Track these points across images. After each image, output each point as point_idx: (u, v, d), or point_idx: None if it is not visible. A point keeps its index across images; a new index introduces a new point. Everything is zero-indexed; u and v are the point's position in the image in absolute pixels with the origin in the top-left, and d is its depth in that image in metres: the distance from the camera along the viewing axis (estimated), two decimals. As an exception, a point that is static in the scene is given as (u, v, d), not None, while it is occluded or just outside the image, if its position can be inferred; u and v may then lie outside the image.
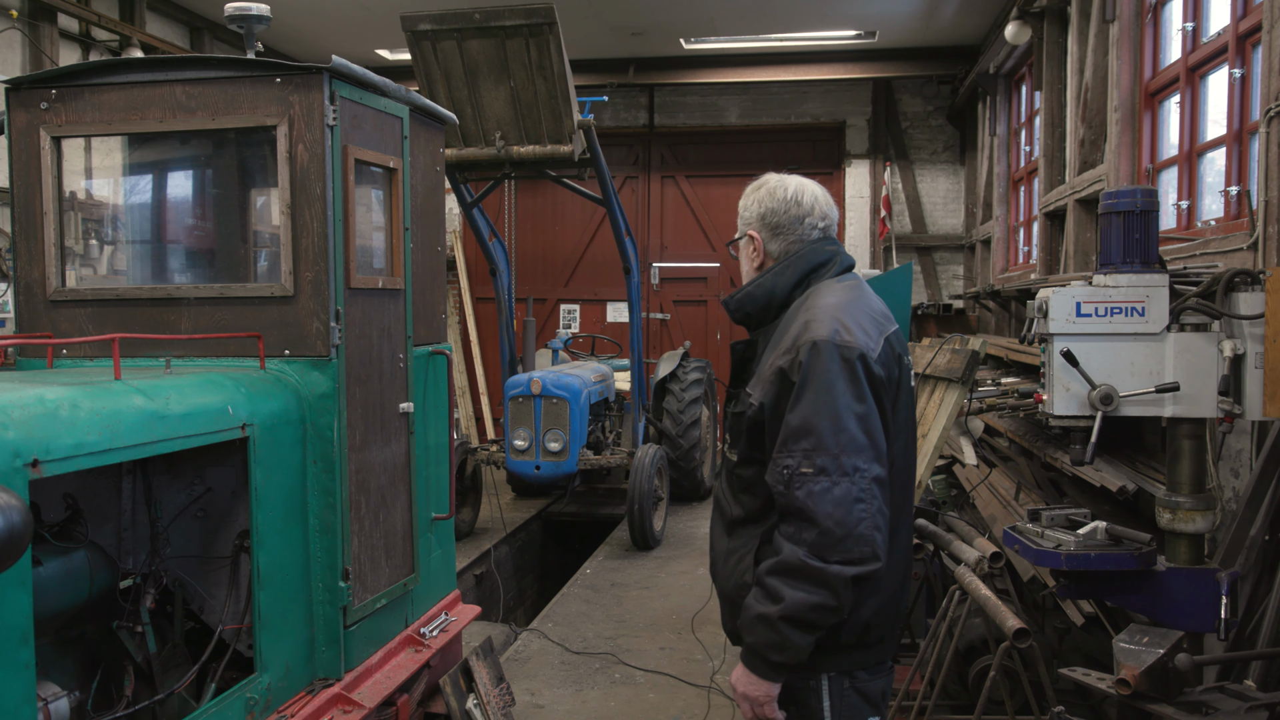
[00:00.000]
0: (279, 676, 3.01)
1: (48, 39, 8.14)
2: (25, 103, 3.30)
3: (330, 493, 3.16)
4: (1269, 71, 4.20)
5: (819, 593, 2.10)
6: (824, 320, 2.22)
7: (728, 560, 2.38)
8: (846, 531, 2.08)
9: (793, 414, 2.16)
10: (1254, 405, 3.23)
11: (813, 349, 2.17)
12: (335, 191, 3.15)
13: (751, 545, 2.33)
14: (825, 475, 2.10)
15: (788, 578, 2.12)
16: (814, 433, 2.12)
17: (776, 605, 2.13)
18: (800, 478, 2.11)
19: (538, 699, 5.11)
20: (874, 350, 2.21)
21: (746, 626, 2.20)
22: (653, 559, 7.77)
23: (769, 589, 2.15)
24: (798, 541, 2.12)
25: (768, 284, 2.40)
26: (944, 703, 4.25)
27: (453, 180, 7.74)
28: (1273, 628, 3.43)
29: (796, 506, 2.12)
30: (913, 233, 12.24)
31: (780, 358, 2.23)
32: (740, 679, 2.25)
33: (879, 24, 10.50)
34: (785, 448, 2.16)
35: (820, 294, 2.34)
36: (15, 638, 2.12)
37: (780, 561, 2.14)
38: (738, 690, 2.27)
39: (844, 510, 2.09)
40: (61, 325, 3.33)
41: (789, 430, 2.16)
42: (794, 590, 2.11)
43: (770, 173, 2.54)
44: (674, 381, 9.33)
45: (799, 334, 2.23)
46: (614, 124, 12.64)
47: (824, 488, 2.09)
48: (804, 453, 2.12)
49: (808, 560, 2.09)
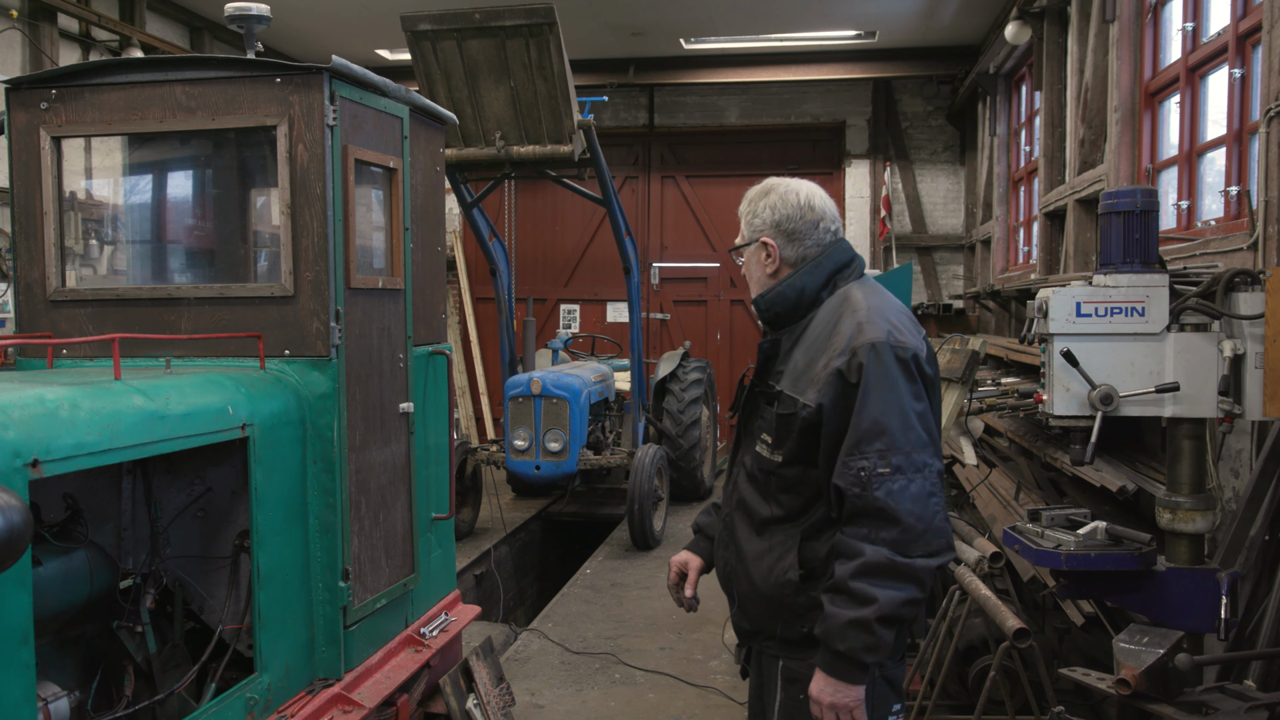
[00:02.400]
0: (279, 676, 3.01)
1: (48, 39, 8.14)
2: (25, 103, 3.30)
3: (330, 493, 3.16)
4: (1269, 71, 4.20)
5: (908, 588, 2.16)
6: (876, 322, 2.27)
7: (762, 560, 2.39)
8: (926, 526, 2.16)
9: (861, 416, 2.20)
10: (1254, 405, 3.23)
11: (873, 350, 2.22)
12: (335, 191, 3.15)
13: (792, 544, 2.34)
14: (901, 474, 2.17)
15: (877, 578, 2.15)
16: (887, 433, 2.18)
17: (870, 607, 2.15)
18: (879, 478, 2.16)
19: (538, 699, 5.11)
20: (923, 350, 2.30)
21: (836, 634, 2.18)
22: (653, 559, 7.77)
23: (857, 593, 2.16)
24: (877, 541, 2.16)
25: (798, 284, 2.43)
26: (944, 703, 4.25)
27: (453, 180, 7.74)
28: (1273, 628, 3.43)
29: (877, 506, 2.16)
30: (913, 233, 12.24)
31: (836, 359, 2.26)
32: (826, 689, 2.22)
33: (879, 24, 10.50)
34: (859, 449, 2.19)
35: (857, 296, 2.38)
36: (15, 638, 2.12)
37: (865, 563, 2.16)
38: (824, 701, 2.22)
39: (922, 506, 2.16)
40: (61, 325, 3.33)
41: (860, 432, 2.20)
42: (885, 590, 2.14)
43: (772, 177, 2.55)
44: (674, 381, 9.33)
45: (853, 335, 2.26)
46: (614, 124, 12.63)
47: (902, 486, 2.16)
48: (879, 453, 2.17)
49: (895, 558, 2.14)
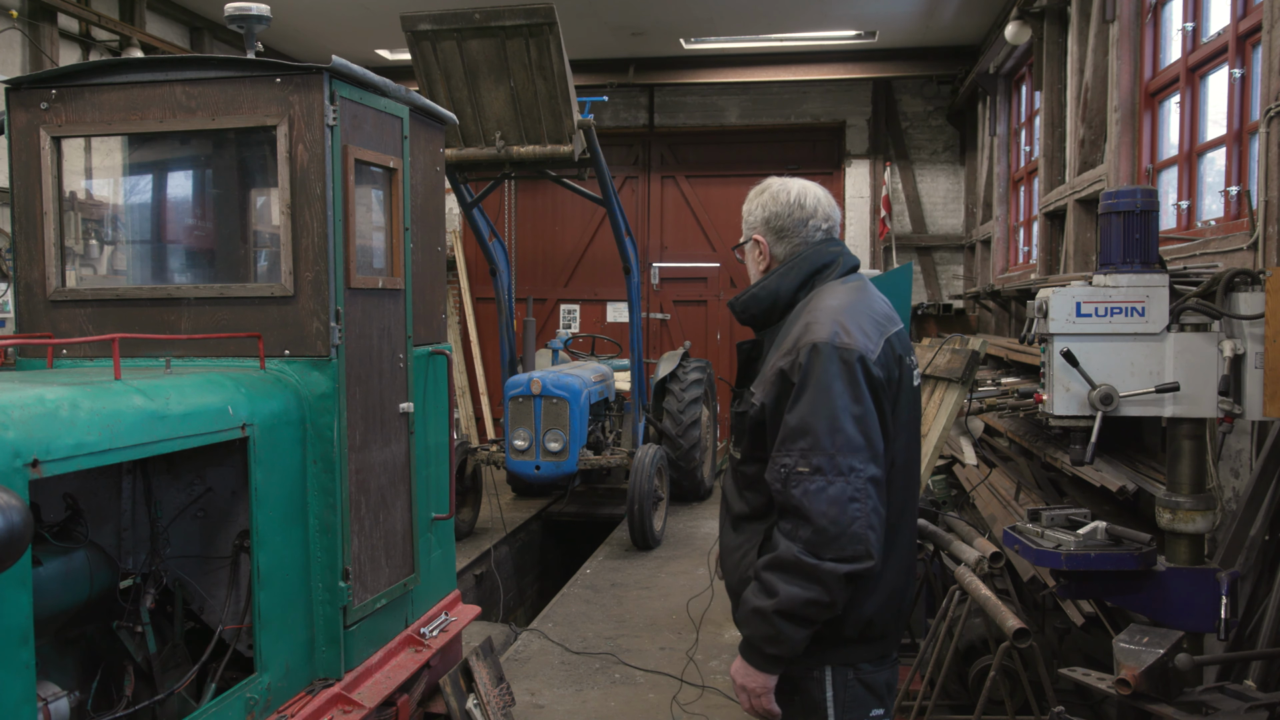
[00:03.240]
0: (279, 676, 3.01)
1: (48, 39, 8.14)
2: (25, 103, 3.29)
3: (330, 493, 3.16)
4: (1269, 71, 4.20)
5: (812, 589, 2.14)
6: (824, 322, 2.25)
7: (732, 555, 2.43)
8: (840, 530, 2.13)
9: (791, 414, 2.20)
10: (1254, 405, 3.23)
11: (812, 350, 2.20)
12: (335, 191, 3.15)
13: (755, 541, 2.36)
14: (821, 474, 2.14)
15: (782, 573, 2.17)
16: (811, 433, 2.16)
17: (771, 600, 2.18)
18: (796, 476, 2.16)
19: (538, 699, 5.11)
20: (873, 352, 2.24)
21: (744, 619, 2.26)
22: (653, 559, 7.77)
23: (765, 583, 2.20)
24: (793, 538, 2.17)
25: (772, 286, 2.43)
26: (944, 703, 4.25)
27: (453, 180, 7.74)
28: (1273, 628, 3.43)
29: (793, 504, 2.16)
30: (913, 233, 12.24)
31: (781, 359, 2.27)
32: (738, 670, 2.30)
33: (879, 24, 10.50)
34: (783, 447, 2.20)
35: (823, 296, 2.37)
36: (15, 638, 2.12)
37: (776, 557, 2.19)
38: (736, 681, 2.31)
39: (838, 509, 2.13)
40: (61, 325, 3.33)
41: (787, 430, 2.20)
42: (788, 586, 2.16)
43: (773, 177, 2.56)
44: (674, 381, 9.33)
45: (800, 335, 2.26)
46: (614, 124, 12.63)
47: (819, 487, 2.14)
48: (801, 452, 2.16)
49: (802, 557, 2.14)
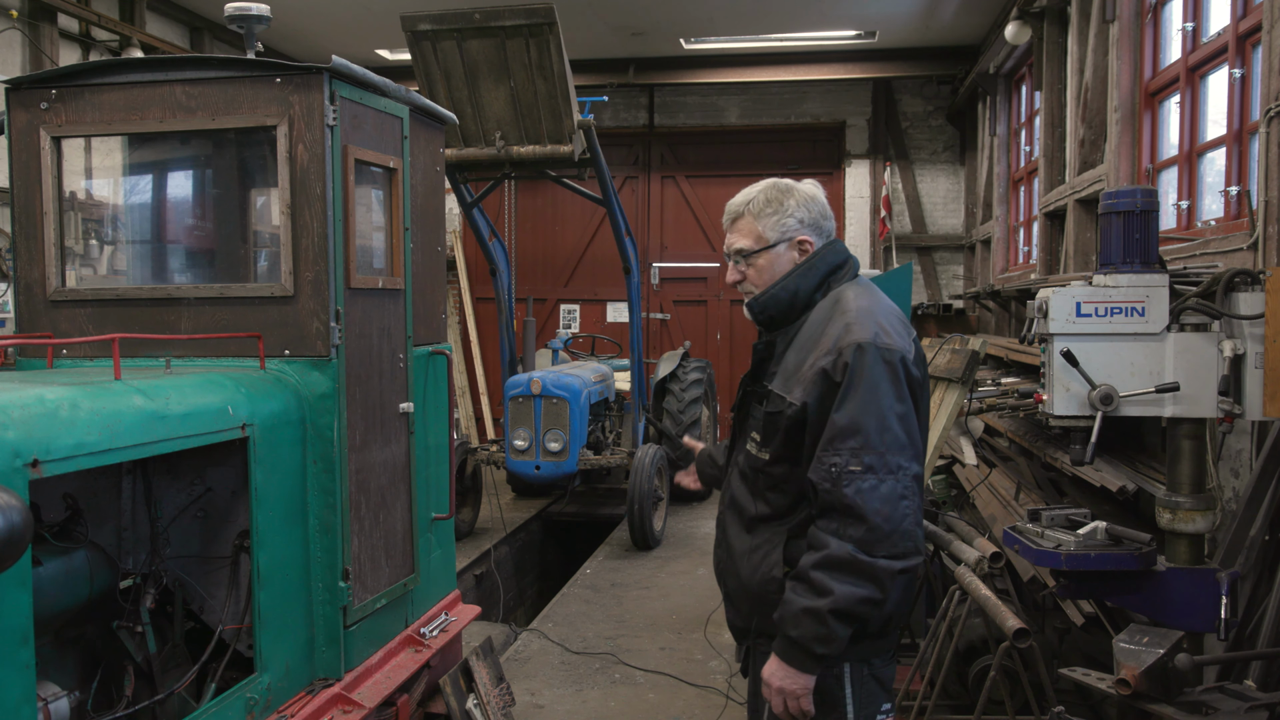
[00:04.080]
0: (279, 676, 3.01)
1: (48, 39, 8.14)
2: (25, 103, 3.29)
3: (330, 493, 3.15)
4: (1269, 71, 4.20)
5: (867, 586, 2.17)
6: (865, 323, 2.28)
7: (750, 557, 2.41)
8: (893, 527, 2.16)
9: (839, 413, 2.22)
10: (1254, 405, 3.23)
11: (858, 350, 2.23)
12: (335, 191, 3.15)
13: (778, 541, 2.36)
14: (873, 473, 2.18)
15: (836, 572, 2.17)
16: (861, 431, 2.19)
17: (825, 599, 2.17)
18: (849, 475, 2.18)
19: (538, 699, 5.11)
20: (910, 352, 2.30)
21: (790, 620, 2.22)
22: (653, 559, 7.77)
23: (815, 583, 2.19)
24: (843, 537, 2.18)
25: (792, 286, 2.43)
26: (944, 703, 4.25)
27: (453, 180, 7.74)
28: (1273, 628, 3.43)
29: (845, 503, 2.18)
30: (913, 233, 12.24)
31: (822, 358, 2.28)
32: (777, 673, 2.27)
33: (879, 24, 10.50)
34: (832, 446, 2.21)
35: (851, 297, 2.39)
36: (15, 638, 2.12)
37: (828, 556, 2.18)
38: (773, 685, 2.28)
39: (890, 507, 2.17)
40: (61, 325, 3.33)
41: (836, 429, 2.21)
42: (842, 584, 2.16)
43: (769, 178, 2.53)
44: (674, 381, 9.33)
45: (840, 335, 2.28)
46: (614, 124, 12.63)
47: (872, 485, 2.17)
48: (851, 451, 2.19)
49: (857, 555, 2.16)
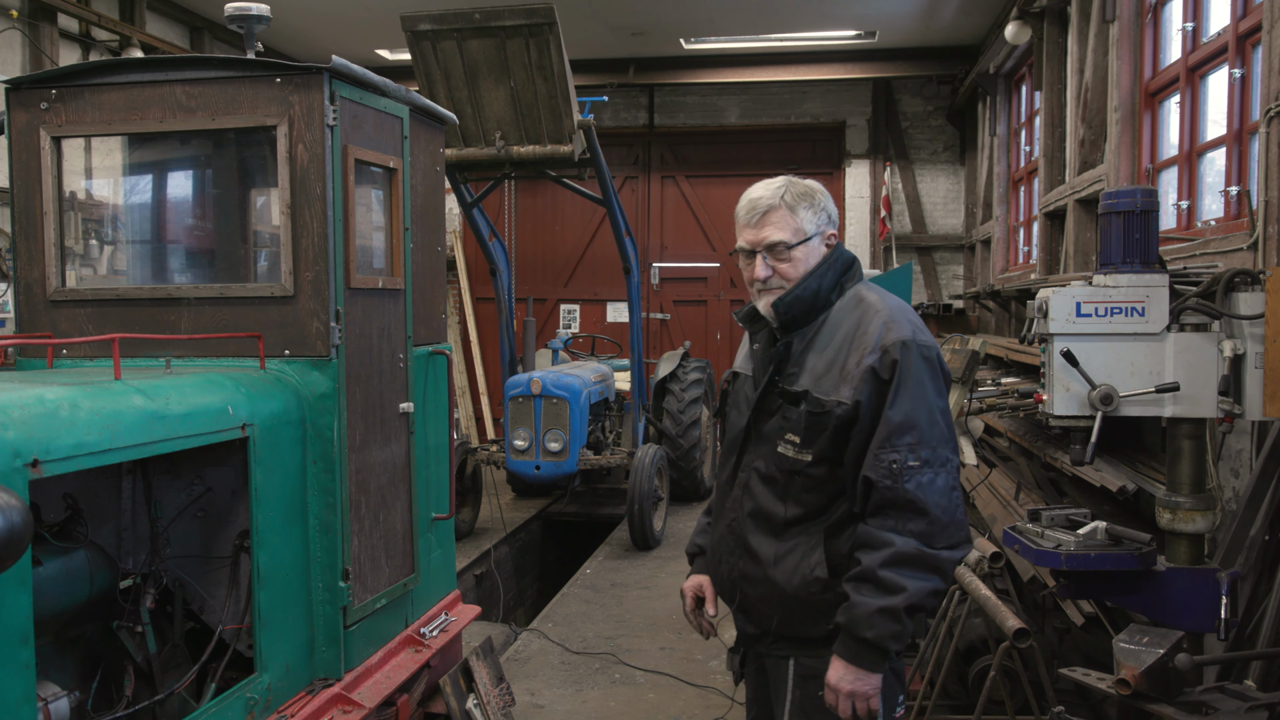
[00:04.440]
0: (279, 676, 3.01)
1: (48, 39, 8.14)
2: (25, 103, 3.29)
3: (330, 493, 3.15)
4: (1269, 71, 4.20)
5: (933, 579, 2.21)
6: (901, 321, 2.33)
7: (784, 562, 2.39)
8: (950, 518, 2.22)
9: (894, 410, 2.24)
10: (1254, 405, 3.23)
11: (904, 348, 2.27)
12: (335, 191, 3.15)
13: (815, 542, 2.36)
14: (929, 467, 2.22)
15: (905, 568, 2.19)
16: (916, 427, 2.23)
17: (899, 596, 2.18)
18: (909, 470, 2.21)
19: (538, 699, 5.11)
20: (939, 349, 2.36)
21: (863, 622, 2.21)
22: (653, 559, 7.77)
23: (886, 582, 2.19)
24: (904, 532, 2.20)
25: (813, 286, 2.43)
26: (944, 703, 4.25)
27: (453, 180, 7.74)
28: (1273, 628, 3.43)
29: (906, 498, 2.20)
30: (913, 233, 12.24)
31: (868, 357, 2.30)
32: (846, 677, 2.25)
33: (879, 24, 10.50)
34: (889, 443, 2.23)
35: (875, 297, 2.43)
36: (15, 638, 2.12)
37: (896, 553, 2.20)
38: (843, 689, 2.25)
39: (947, 499, 2.22)
40: (61, 325, 3.33)
41: (892, 426, 2.24)
42: (914, 580, 2.19)
43: (781, 175, 2.51)
44: (674, 381, 9.32)
45: (881, 334, 2.31)
46: (614, 124, 12.63)
47: (930, 479, 2.21)
48: (909, 447, 2.22)
49: (923, 549, 2.19)
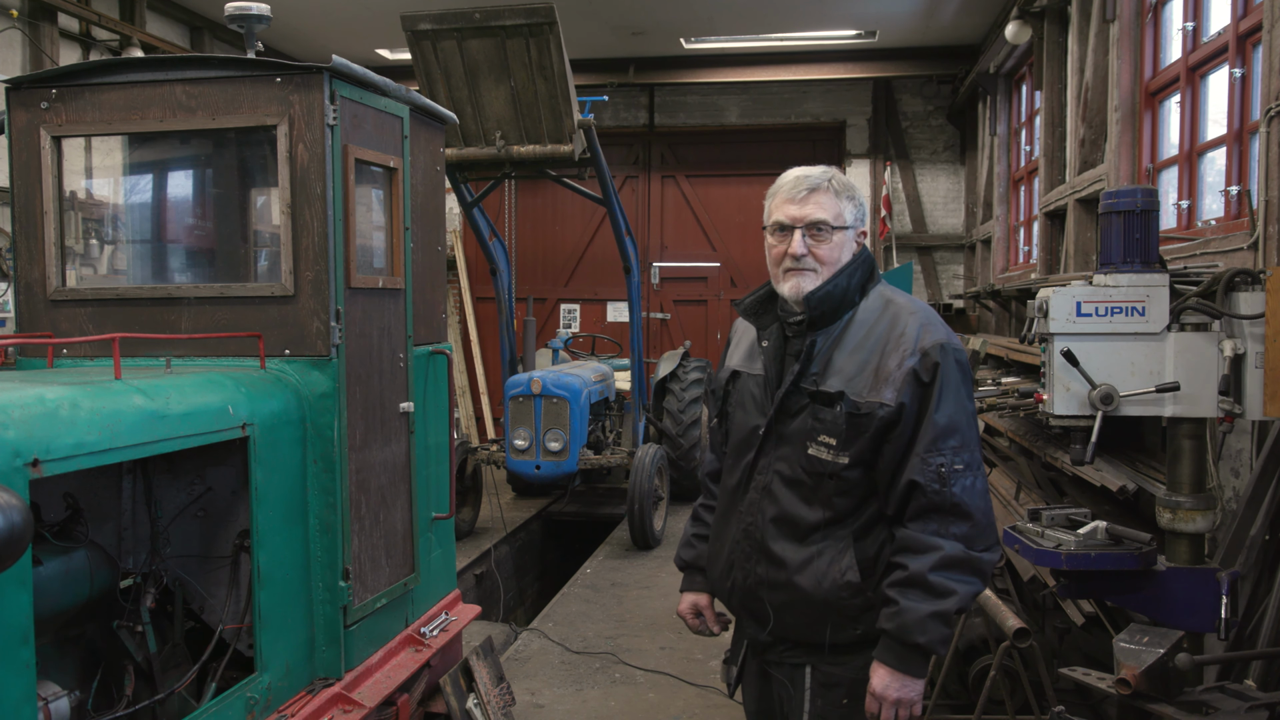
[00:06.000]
0: (279, 676, 3.01)
1: (48, 39, 8.14)
2: (25, 102, 3.29)
3: (330, 492, 3.16)
4: (1269, 71, 4.20)
5: (976, 582, 2.22)
6: (936, 324, 2.33)
7: (811, 567, 2.33)
8: (988, 521, 2.24)
9: (939, 414, 2.23)
10: (1254, 405, 3.23)
11: (943, 351, 2.27)
12: (335, 191, 3.15)
13: (843, 546, 2.32)
14: (971, 471, 2.23)
15: (954, 571, 2.19)
16: (959, 430, 2.23)
17: (950, 599, 2.18)
18: (955, 474, 2.21)
19: (538, 699, 5.11)
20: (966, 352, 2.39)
21: (915, 627, 2.18)
22: (653, 559, 7.77)
23: (936, 586, 2.18)
24: (948, 536, 2.20)
25: (842, 284, 2.39)
26: (944, 702, 4.25)
27: (453, 180, 7.73)
28: (1273, 628, 3.43)
29: (953, 502, 2.20)
30: (913, 232, 12.24)
31: (908, 359, 2.28)
32: (892, 685, 2.22)
33: (879, 24, 10.50)
34: (935, 447, 2.22)
35: (903, 300, 2.42)
36: (15, 638, 2.12)
37: (945, 557, 2.19)
38: (890, 696, 2.22)
39: (985, 502, 2.24)
40: (62, 325, 3.33)
41: (938, 429, 2.23)
42: (962, 583, 2.19)
43: (797, 168, 2.40)
44: (674, 381, 9.33)
45: (919, 336, 2.30)
46: (614, 124, 12.63)
47: (971, 482, 2.22)
48: (953, 450, 2.22)
49: (970, 553, 2.20)
